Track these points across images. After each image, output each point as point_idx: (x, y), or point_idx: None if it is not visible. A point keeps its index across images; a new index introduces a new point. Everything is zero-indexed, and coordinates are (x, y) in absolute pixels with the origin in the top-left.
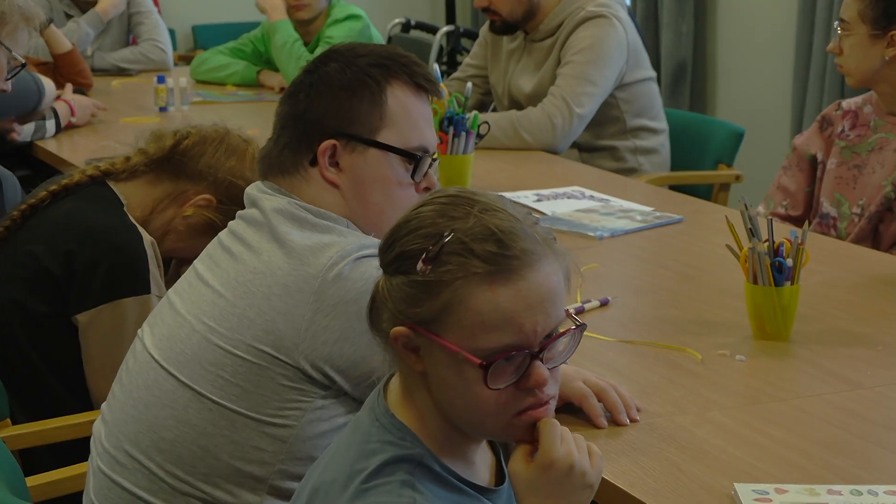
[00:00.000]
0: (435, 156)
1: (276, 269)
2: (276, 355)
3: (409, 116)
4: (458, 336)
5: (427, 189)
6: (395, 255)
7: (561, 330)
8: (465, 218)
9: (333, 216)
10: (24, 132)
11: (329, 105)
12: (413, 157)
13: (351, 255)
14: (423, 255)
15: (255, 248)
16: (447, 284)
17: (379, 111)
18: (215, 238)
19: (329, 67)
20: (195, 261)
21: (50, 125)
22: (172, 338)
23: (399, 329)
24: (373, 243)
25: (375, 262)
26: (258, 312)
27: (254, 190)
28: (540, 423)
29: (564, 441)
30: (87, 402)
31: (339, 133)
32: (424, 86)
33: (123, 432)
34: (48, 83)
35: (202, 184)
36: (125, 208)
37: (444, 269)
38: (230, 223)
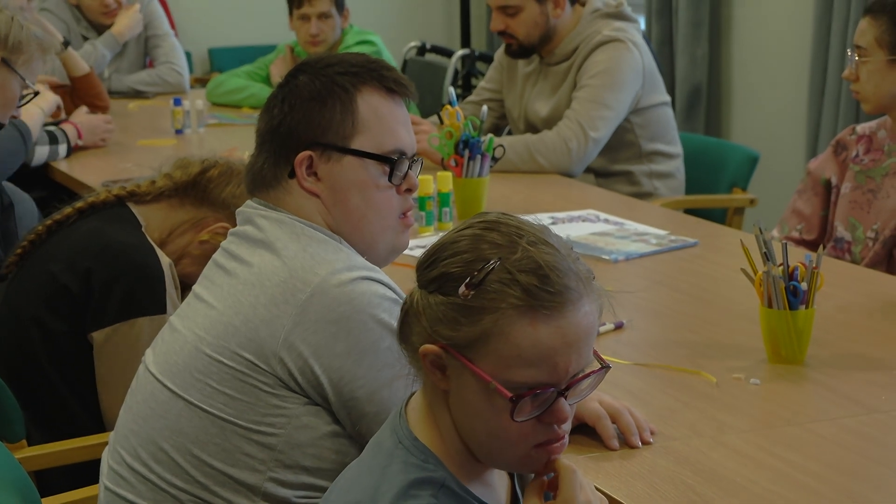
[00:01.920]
0: (415, 157)
1: (266, 279)
2: (256, 362)
3: (382, 121)
4: (493, 366)
5: (409, 191)
6: (436, 275)
7: (588, 370)
8: (511, 247)
9: (327, 232)
10: (37, 156)
11: (301, 116)
12: (389, 161)
13: (342, 274)
14: (468, 280)
15: (247, 261)
16: (488, 312)
17: (351, 118)
18: (211, 259)
19: (299, 80)
20: (195, 285)
21: (62, 149)
22: (168, 352)
23: (430, 347)
24: (363, 265)
25: (370, 288)
26: (243, 320)
27: (246, 208)
28: (560, 467)
29: (583, 490)
30: (101, 420)
31: (313, 143)
32: (395, 89)
33: (124, 447)
34: (32, 112)
35: (223, 213)
36: (143, 229)
37: (486, 297)
38: (224, 242)
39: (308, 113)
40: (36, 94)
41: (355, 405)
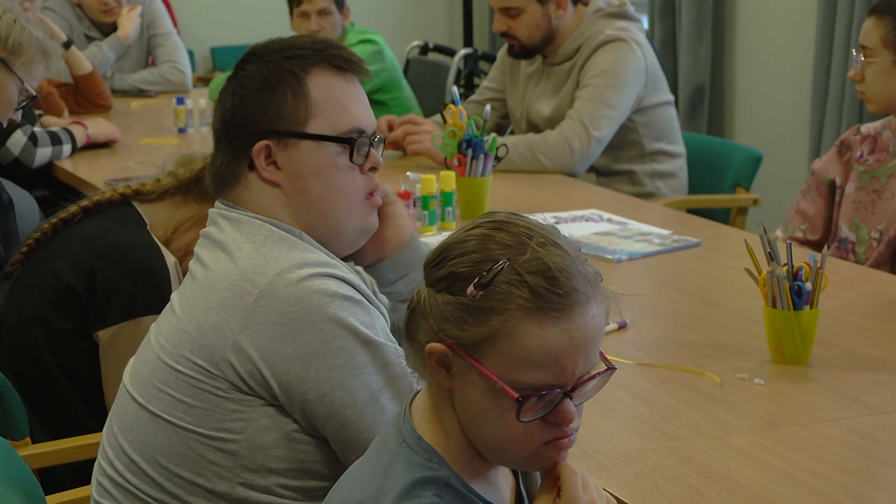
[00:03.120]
0: (376, 135)
1: (217, 282)
2: (208, 368)
3: (336, 101)
4: (499, 366)
5: (373, 169)
6: (444, 274)
7: (593, 371)
8: (520, 248)
9: (286, 226)
10: (39, 157)
11: (253, 107)
12: (347, 141)
13: (290, 273)
14: (476, 280)
15: (206, 264)
16: (496, 313)
17: (303, 103)
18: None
19: (246, 70)
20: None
21: (66, 149)
22: (138, 362)
23: (437, 346)
24: (316, 261)
25: (315, 283)
26: (196, 326)
27: (213, 211)
28: (561, 469)
29: (587, 489)
30: (105, 419)
31: (269, 132)
32: (345, 66)
33: (105, 459)
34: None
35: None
36: (149, 228)
37: (494, 298)
38: (195, 246)
39: (259, 103)
40: (35, 97)
41: (307, 407)
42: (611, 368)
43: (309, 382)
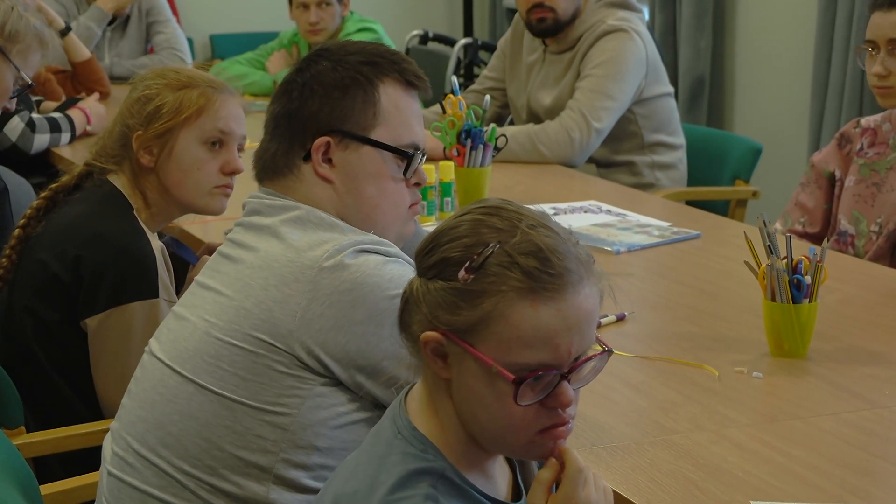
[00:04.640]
0: (424, 153)
1: (273, 261)
2: (272, 342)
3: (401, 114)
4: (494, 349)
5: (417, 185)
6: (435, 261)
7: (590, 353)
8: (511, 231)
9: (334, 217)
10: (37, 144)
11: (323, 103)
12: (406, 155)
13: (347, 249)
14: (468, 264)
15: (253, 247)
16: (489, 295)
17: (373, 109)
18: (216, 251)
19: (320, 66)
20: (198, 275)
21: (65, 137)
22: (176, 339)
23: (431, 334)
24: (370, 240)
25: (372, 256)
26: (255, 303)
27: (252, 198)
28: (567, 461)
29: (586, 485)
30: (98, 409)
31: (333, 130)
32: (415, 83)
33: (131, 433)
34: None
35: (127, 140)
36: (134, 212)
37: (486, 281)
38: (229, 234)
39: (330, 100)
40: (30, 86)
41: (387, 367)
42: (607, 350)
43: (386, 340)
